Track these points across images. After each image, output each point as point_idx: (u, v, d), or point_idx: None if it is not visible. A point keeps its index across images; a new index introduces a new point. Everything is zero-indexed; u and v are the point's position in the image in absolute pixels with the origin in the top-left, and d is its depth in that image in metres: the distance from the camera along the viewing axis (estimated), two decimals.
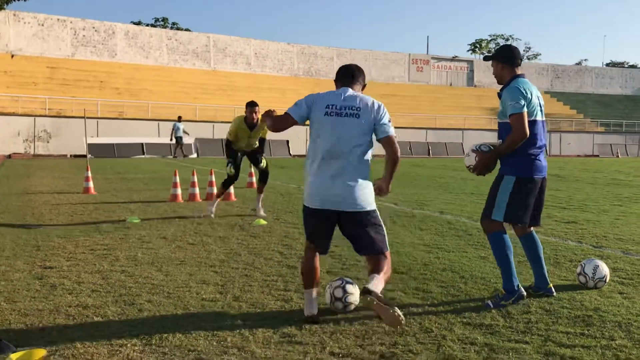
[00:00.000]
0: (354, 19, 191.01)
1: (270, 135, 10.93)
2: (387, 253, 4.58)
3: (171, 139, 34.96)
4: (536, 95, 5.00)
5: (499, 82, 5.17)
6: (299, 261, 6.44)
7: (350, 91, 4.52)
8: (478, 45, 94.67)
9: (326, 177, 4.37)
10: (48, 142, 37.30)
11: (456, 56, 66.91)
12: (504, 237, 5.00)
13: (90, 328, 4.26)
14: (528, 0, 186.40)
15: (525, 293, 4.94)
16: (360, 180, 4.41)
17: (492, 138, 50.31)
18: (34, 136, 36.91)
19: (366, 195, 4.45)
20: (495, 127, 5.38)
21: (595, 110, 64.64)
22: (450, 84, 65.07)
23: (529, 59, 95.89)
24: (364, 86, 4.69)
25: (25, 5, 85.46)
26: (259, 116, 9.78)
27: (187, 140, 37.41)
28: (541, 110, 5.04)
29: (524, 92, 4.86)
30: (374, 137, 4.53)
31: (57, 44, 46.84)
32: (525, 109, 4.80)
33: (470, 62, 67.27)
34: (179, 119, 35.38)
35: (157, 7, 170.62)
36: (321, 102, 4.46)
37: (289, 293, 5.21)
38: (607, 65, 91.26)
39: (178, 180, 12.30)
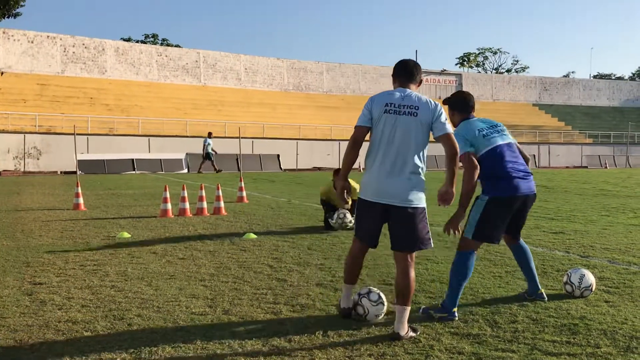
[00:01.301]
0: (343, 33, 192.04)
1: (260, 150, 10.89)
2: (429, 246, 4.63)
3: (203, 155, 35.42)
4: (485, 126, 5.23)
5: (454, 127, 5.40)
6: (288, 274, 6.47)
7: (408, 90, 4.64)
8: (466, 59, 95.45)
9: (384, 173, 4.49)
10: (38, 158, 37.18)
11: (445, 69, 67.35)
12: (469, 258, 5.05)
13: (80, 343, 4.27)
14: (516, 13, 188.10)
15: (456, 317, 4.89)
16: (415, 177, 4.53)
17: None
18: (24, 153, 36.79)
19: (420, 193, 4.56)
20: None
21: (583, 122, 65.15)
22: (440, 97, 65.40)
23: (517, 71, 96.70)
24: (420, 82, 4.82)
25: (15, 22, 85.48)
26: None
27: (178, 156, 37.46)
28: (501, 135, 5.24)
29: (464, 135, 5.13)
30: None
31: (46, 61, 46.83)
32: (468, 149, 5.04)
33: (458, 76, 67.68)
34: (209, 135, 35.90)
35: (147, 24, 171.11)
36: (380, 101, 4.57)
37: (278, 306, 5.24)
38: (595, 77, 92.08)
39: (168, 195, 12.31)
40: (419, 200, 4.53)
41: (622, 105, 72.92)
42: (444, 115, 4.65)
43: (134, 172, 35.66)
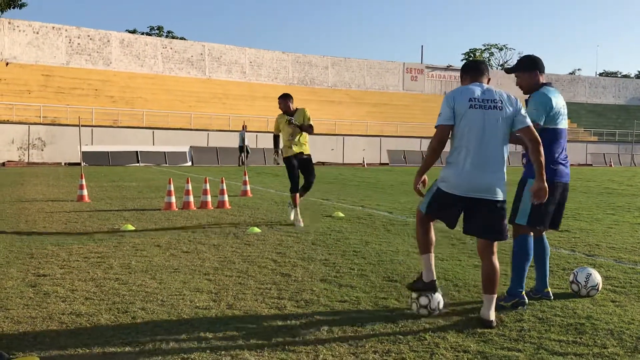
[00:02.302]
0: (349, 28, 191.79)
1: (264, 144, 10.83)
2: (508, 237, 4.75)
3: (242, 147, 35.87)
4: (562, 105, 5.12)
5: (525, 92, 5.27)
6: (292, 269, 6.45)
7: (484, 85, 4.70)
8: (472, 55, 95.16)
9: (472, 167, 4.53)
10: (42, 150, 37.25)
11: (450, 65, 67.21)
12: (528, 240, 5.12)
13: (83, 336, 4.25)
14: (522, 10, 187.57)
15: (526, 301, 5.03)
16: (501, 171, 4.61)
17: None
18: (28, 144, 36.86)
19: (504, 185, 4.65)
20: None
21: (589, 119, 64.98)
22: (445, 93, 65.27)
23: None
24: (489, 80, 4.86)
25: (21, 13, 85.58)
26: (295, 106, 10.49)
27: (182, 148, 37.49)
28: (564, 119, 5.16)
29: (543, 101, 5.00)
30: None
31: (52, 52, 46.85)
32: (541, 118, 4.95)
33: None
34: (244, 128, 36.15)
35: (152, 16, 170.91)
36: (463, 97, 4.57)
37: (283, 301, 5.21)
38: (600, 75, 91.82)
39: (172, 188, 12.29)
40: (505, 193, 4.65)
41: (627, 104, 72.68)
42: (524, 109, 4.74)
43: (138, 164, 35.70)
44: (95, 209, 11.98)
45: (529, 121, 4.65)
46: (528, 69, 5.22)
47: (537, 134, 4.67)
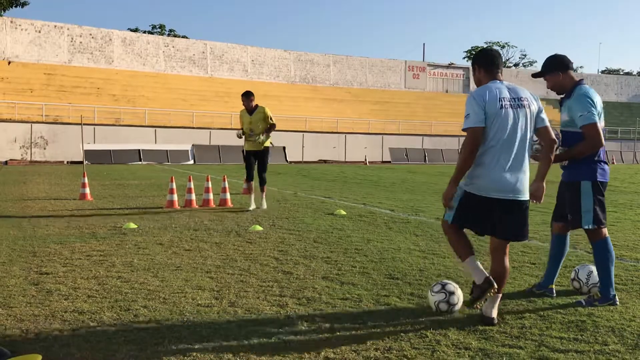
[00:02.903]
0: (351, 26, 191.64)
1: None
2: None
3: None
4: (599, 102, 5.12)
5: (559, 93, 5.26)
6: (294, 267, 6.45)
7: (506, 82, 4.59)
8: (474, 52, 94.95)
9: (502, 168, 4.45)
10: (45, 148, 37.30)
11: (452, 63, 67.14)
12: (607, 242, 5.10)
13: (86, 334, 4.27)
14: (524, 7, 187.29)
15: (617, 302, 5.06)
16: (527, 170, 4.56)
17: None
18: (31, 142, 36.91)
19: (528, 184, 4.60)
20: None
21: None
22: (446, 91, 65.26)
23: (524, 66, 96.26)
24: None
25: (22, 12, 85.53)
26: (255, 104, 11.82)
27: (184, 147, 37.54)
28: (602, 118, 5.15)
29: (590, 100, 4.98)
30: None
31: (54, 51, 46.89)
32: (596, 119, 4.94)
33: (466, 69, 67.46)
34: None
35: (154, 14, 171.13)
36: (492, 96, 4.44)
37: (285, 299, 5.22)
38: (603, 72, 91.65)
39: (174, 186, 12.31)
40: (528, 193, 4.62)
41: (630, 101, 72.56)
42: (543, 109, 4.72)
43: (140, 162, 35.74)
44: (97, 207, 12.00)
45: (547, 121, 4.64)
46: (560, 70, 5.17)
47: (553, 134, 4.65)
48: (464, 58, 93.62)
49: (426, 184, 20.33)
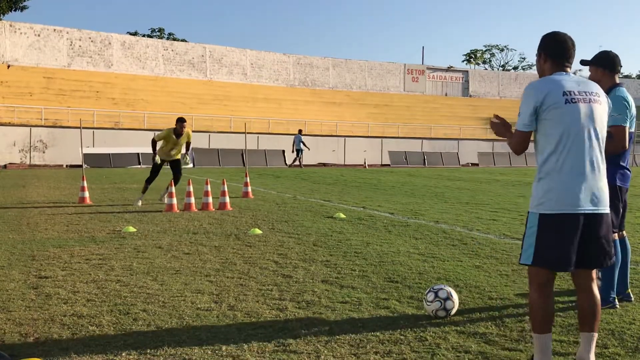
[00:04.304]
0: (350, 29, 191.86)
1: (266, 145, 11.19)
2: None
3: (292, 151, 37.98)
4: (633, 107, 5.10)
5: None
6: (293, 271, 6.45)
7: (575, 75, 3.80)
8: (473, 56, 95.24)
9: (579, 172, 3.58)
10: (44, 152, 37.29)
11: (451, 66, 67.21)
12: (616, 247, 5.06)
13: (85, 337, 4.26)
14: (523, 11, 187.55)
15: (617, 305, 5.08)
16: (605, 175, 3.73)
17: (487, 147, 50.49)
18: (30, 146, 36.90)
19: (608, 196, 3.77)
20: (489, 137, 5.44)
21: None
22: (446, 94, 65.30)
23: (523, 69, 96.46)
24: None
25: (22, 15, 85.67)
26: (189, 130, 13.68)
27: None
28: (634, 122, 5.12)
29: (626, 104, 4.95)
30: None
31: (53, 54, 46.91)
32: (627, 123, 4.91)
33: (465, 73, 67.53)
34: (300, 132, 37.50)
35: (153, 18, 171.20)
36: (552, 89, 3.63)
37: (284, 302, 5.22)
38: None
39: (174, 190, 12.31)
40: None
41: None
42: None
43: (139, 166, 35.71)
44: (96, 211, 11.99)
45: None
46: (605, 67, 5.11)
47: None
48: (463, 61, 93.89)
49: (426, 187, 20.33)
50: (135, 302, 5.19)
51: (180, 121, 13.47)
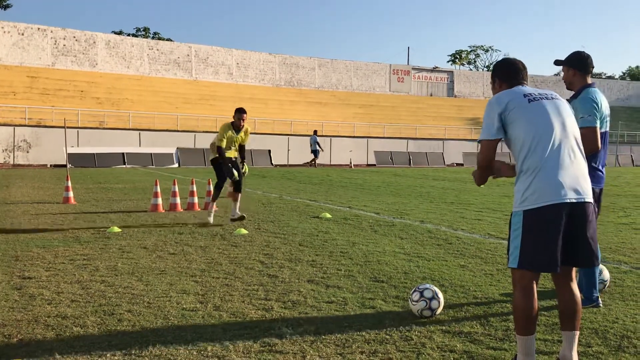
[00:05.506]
0: (336, 29, 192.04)
1: (251, 145, 11.15)
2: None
3: (311, 152, 39.23)
4: (605, 107, 5.09)
5: (568, 88, 5.25)
6: (279, 271, 6.44)
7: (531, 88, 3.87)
8: (458, 56, 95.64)
9: (558, 165, 3.56)
10: (28, 152, 36.95)
11: (436, 67, 67.40)
12: None
13: (69, 338, 4.23)
14: (507, 11, 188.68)
15: (600, 304, 5.11)
16: (585, 165, 3.73)
17: (472, 148, 50.71)
18: (14, 146, 36.55)
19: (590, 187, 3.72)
20: (475, 137, 5.46)
21: None
22: (431, 94, 65.49)
23: None
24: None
25: (5, 14, 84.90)
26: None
27: (169, 150, 37.41)
28: (607, 122, 5.11)
29: (595, 105, 4.95)
30: None
31: (37, 54, 46.50)
32: (597, 123, 4.90)
33: (450, 73, 67.75)
34: (315, 133, 37.75)
35: (138, 17, 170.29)
36: (513, 96, 3.70)
37: (270, 302, 5.22)
38: None
39: (159, 190, 12.25)
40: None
41: (612, 105, 73.18)
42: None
43: (124, 166, 35.50)
44: (81, 211, 11.91)
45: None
46: (576, 67, 5.14)
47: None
48: (448, 62, 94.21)
49: (411, 187, 20.39)
50: (120, 302, 5.17)
51: (240, 112, 10.93)
